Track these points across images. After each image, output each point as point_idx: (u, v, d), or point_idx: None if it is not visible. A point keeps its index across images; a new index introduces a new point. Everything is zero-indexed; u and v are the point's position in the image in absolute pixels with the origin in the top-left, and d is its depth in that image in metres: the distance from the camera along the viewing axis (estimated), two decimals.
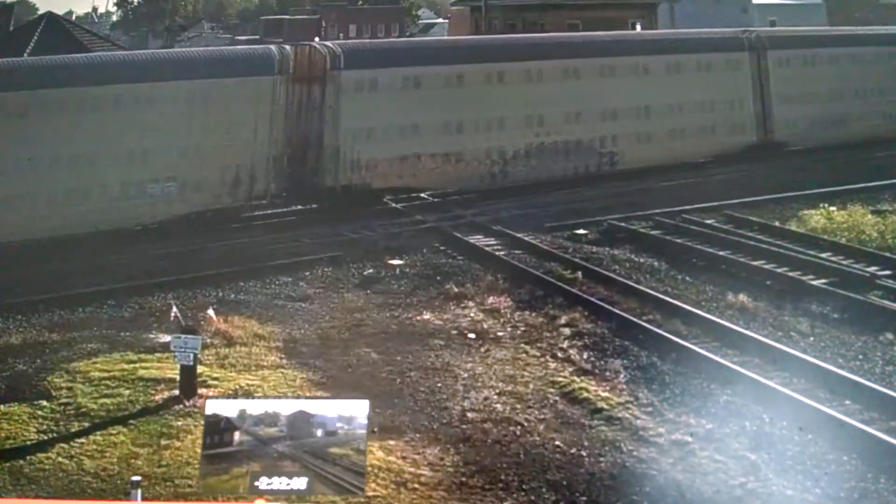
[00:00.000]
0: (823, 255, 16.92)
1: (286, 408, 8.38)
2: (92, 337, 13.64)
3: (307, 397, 10.61)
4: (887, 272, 15.82)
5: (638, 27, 40.17)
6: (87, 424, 10.58)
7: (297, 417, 8.30)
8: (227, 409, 8.44)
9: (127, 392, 11.36)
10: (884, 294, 14.93)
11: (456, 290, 15.66)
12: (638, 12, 42.40)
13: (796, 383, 11.61)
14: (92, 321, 14.54)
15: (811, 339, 13.38)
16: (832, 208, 19.60)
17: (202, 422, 8.42)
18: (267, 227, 20.49)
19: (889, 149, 25.84)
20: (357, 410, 8.35)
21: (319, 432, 8.24)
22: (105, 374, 11.91)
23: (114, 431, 10.36)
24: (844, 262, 16.49)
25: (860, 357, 12.71)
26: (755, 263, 16.60)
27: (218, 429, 8.29)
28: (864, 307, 14.30)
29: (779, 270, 16.15)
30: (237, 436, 8.24)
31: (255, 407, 8.44)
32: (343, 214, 20.79)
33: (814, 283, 15.42)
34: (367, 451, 9.57)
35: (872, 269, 16.03)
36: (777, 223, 19.45)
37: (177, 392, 11.16)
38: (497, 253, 17.99)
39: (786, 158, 26.30)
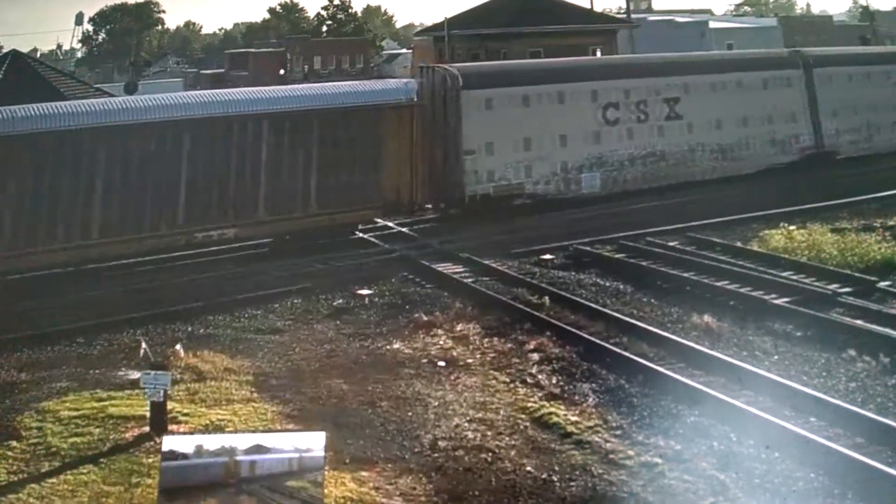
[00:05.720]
0: (785, 275, 17.18)
1: (243, 442, 8.42)
2: (61, 375, 13.58)
3: (264, 431, 10.64)
4: (848, 289, 16.08)
5: (598, 54, 40.69)
6: (57, 464, 10.51)
7: (254, 451, 8.33)
8: (184, 444, 8.47)
9: (97, 430, 11.31)
10: (845, 311, 15.18)
11: (425, 318, 15.76)
12: (598, 39, 42.98)
13: (762, 402, 11.77)
14: (61, 359, 14.48)
15: (775, 357, 13.58)
16: (792, 227, 19.91)
17: None
18: (234, 260, 20.53)
19: None
20: (314, 442, 8.39)
21: (277, 465, 8.27)
22: (75, 413, 11.85)
23: (84, 471, 10.30)
24: (806, 281, 16.74)
25: (824, 374, 12.90)
26: (719, 284, 16.84)
27: (175, 465, 8.31)
28: (827, 325, 14.52)
29: (742, 290, 16.38)
30: (195, 471, 8.26)
31: (212, 442, 8.47)
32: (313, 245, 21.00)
33: (776, 301, 15.65)
34: (333, 481, 9.69)
35: (833, 286, 16.29)
36: (739, 244, 19.74)
37: (147, 429, 11.14)
38: (465, 280, 18.12)
39: None
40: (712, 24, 60.47)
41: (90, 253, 19.25)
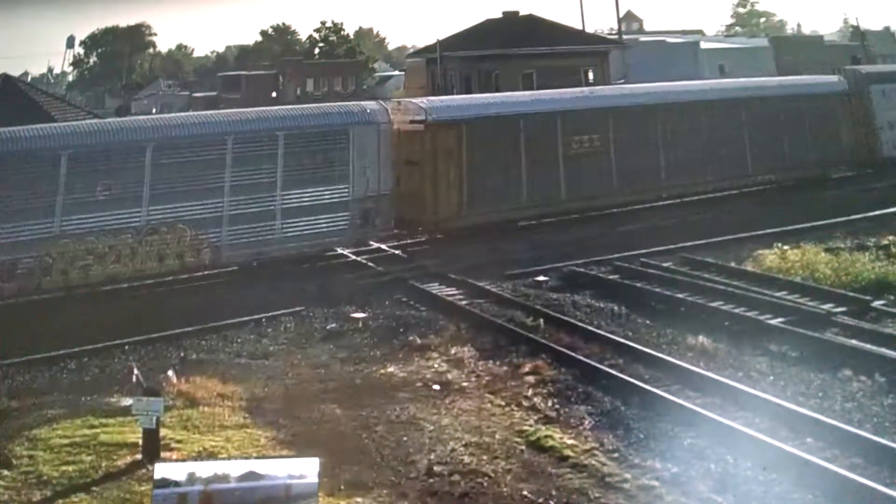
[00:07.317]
0: (779, 294, 17.16)
1: (236, 469, 8.35)
2: (53, 402, 13.47)
3: (258, 457, 10.56)
4: (842, 309, 16.07)
5: (590, 75, 40.85)
6: (48, 493, 10.41)
7: (247, 478, 8.27)
8: (176, 472, 8.39)
9: (89, 458, 11.20)
10: (840, 331, 15.16)
11: (420, 341, 15.69)
12: (590, 60, 43.16)
13: (758, 423, 11.73)
14: (52, 386, 14.38)
15: (771, 378, 13.54)
16: (786, 247, 19.91)
17: None
18: (225, 284, 20.46)
19: None
20: (307, 469, 8.34)
21: (270, 492, 8.20)
22: (66, 441, 11.74)
23: (76, 499, 10.21)
24: (800, 301, 16.73)
25: (820, 394, 12.87)
26: (713, 305, 16.81)
27: (167, 492, 8.23)
28: (822, 344, 14.51)
29: (737, 311, 16.36)
30: (188, 498, 8.19)
31: (205, 469, 8.40)
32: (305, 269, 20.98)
33: (771, 322, 15.63)
34: None
35: (828, 306, 16.28)
36: (733, 264, 19.73)
37: (140, 456, 11.04)
38: (459, 303, 18.07)
39: None
40: (704, 45, 60.76)
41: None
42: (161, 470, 8.64)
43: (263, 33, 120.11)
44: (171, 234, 20.06)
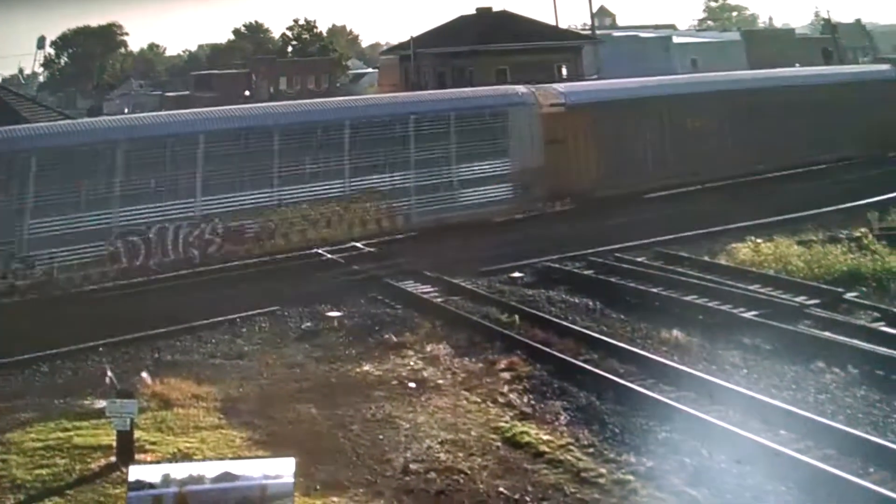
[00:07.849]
0: (753, 288, 17.27)
1: (211, 470, 8.32)
2: (25, 406, 13.35)
3: (233, 458, 10.53)
4: (815, 301, 16.20)
5: (564, 71, 40.93)
6: (22, 497, 10.32)
7: (222, 479, 8.25)
8: (151, 474, 8.36)
9: (63, 461, 11.12)
10: (813, 323, 15.29)
11: (395, 339, 15.68)
12: (563, 56, 43.26)
13: (732, 416, 11.81)
14: (25, 389, 14.25)
15: (744, 370, 13.64)
16: (759, 240, 20.03)
17: None
18: (199, 284, 20.34)
19: None
20: (283, 469, 8.33)
21: (245, 493, 8.19)
22: (39, 444, 11.65)
23: (50, 503, 10.12)
24: (773, 294, 16.85)
25: (793, 386, 12.98)
26: (687, 299, 16.91)
27: (142, 495, 8.20)
28: (795, 337, 14.62)
29: (710, 304, 16.47)
30: (163, 500, 8.16)
31: (180, 470, 8.37)
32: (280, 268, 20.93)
33: (745, 315, 15.74)
34: None
35: (801, 298, 16.41)
36: (707, 258, 19.84)
37: (114, 459, 10.97)
38: (434, 300, 18.06)
39: None
40: (676, 39, 61.10)
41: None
42: (135, 472, 8.60)
43: (236, 32, 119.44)
44: (370, 203, 22.77)
